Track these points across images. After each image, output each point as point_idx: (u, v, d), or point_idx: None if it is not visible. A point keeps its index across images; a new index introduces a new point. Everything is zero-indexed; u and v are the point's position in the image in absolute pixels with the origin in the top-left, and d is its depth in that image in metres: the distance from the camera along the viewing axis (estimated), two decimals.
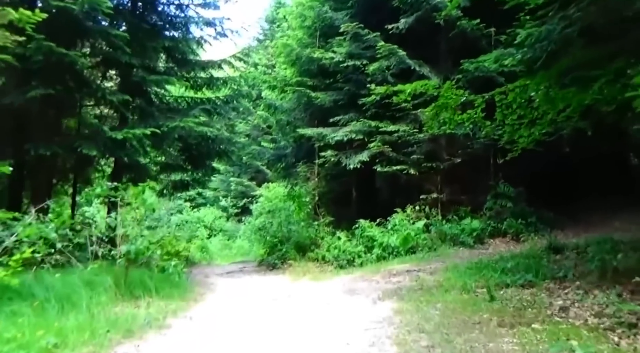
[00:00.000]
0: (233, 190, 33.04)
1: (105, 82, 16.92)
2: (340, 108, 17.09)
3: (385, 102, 15.28)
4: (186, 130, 13.32)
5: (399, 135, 15.17)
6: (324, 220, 17.40)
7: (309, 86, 18.04)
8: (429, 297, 8.23)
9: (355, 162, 15.71)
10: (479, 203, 15.05)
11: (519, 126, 10.53)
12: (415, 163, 15.28)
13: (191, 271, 15.32)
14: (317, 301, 8.81)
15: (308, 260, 15.92)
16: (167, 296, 9.11)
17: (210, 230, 31.37)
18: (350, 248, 14.69)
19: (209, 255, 25.75)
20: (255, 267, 16.84)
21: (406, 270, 10.92)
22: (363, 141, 15.89)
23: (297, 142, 19.92)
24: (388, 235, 14.34)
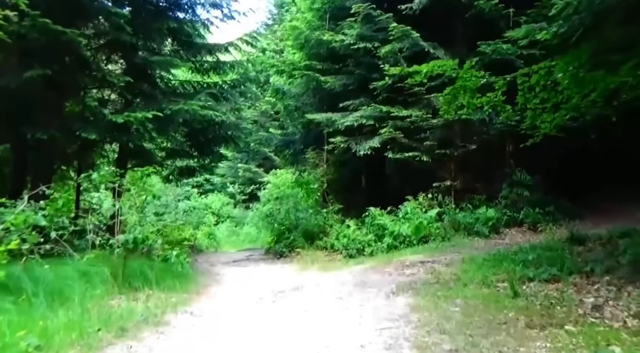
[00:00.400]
0: (241, 177, 32.45)
1: (110, 65, 16.34)
2: (350, 93, 16.39)
3: (398, 86, 14.63)
4: (191, 114, 12.66)
5: (411, 120, 14.48)
6: (332, 208, 16.77)
7: (318, 69, 17.33)
8: (447, 292, 7.60)
9: (365, 148, 15.04)
10: (494, 192, 14.37)
11: (541, 110, 9.85)
12: (428, 149, 14.59)
13: (196, 260, 14.80)
14: (326, 296, 8.20)
15: (316, 249, 15.33)
16: (168, 288, 8.53)
17: (218, 216, 30.83)
18: (360, 237, 14.07)
19: (217, 242, 25.27)
20: (263, 255, 16.28)
21: (420, 261, 10.30)
22: (374, 127, 15.21)
23: (305, 128, 19.26)
24: (399, 224, 13.71)
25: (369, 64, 15.91)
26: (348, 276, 10.04)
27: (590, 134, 12.27)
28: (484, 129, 14.21)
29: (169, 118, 12.61)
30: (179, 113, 12.49)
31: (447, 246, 11.96)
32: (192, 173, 20.11)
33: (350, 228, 14.78)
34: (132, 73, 15.21)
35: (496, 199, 14.18)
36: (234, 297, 8.56)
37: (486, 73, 9.70)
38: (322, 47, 17.45)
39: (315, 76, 16.94)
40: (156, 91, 14.14)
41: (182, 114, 12.73)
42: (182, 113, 12.56)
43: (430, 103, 14.57)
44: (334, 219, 16.34)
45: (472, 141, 14.44)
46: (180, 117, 13.15)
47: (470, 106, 10.03)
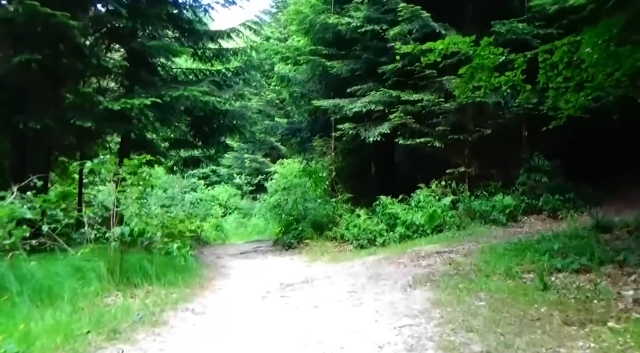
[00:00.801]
0: (247, 167, 31.86)
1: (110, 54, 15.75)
2: (357, 78, 15.72)
3: (408, 69, 13.98)
4: (192, 101, 12.03)
5: (422, 105, 13.81)
6: (341, 197, 16.16)
7: (324, 55, 16.64)
8: (469, 284, 6.98)
9: (375, 135, 14.38)
10: (510, 178, 13.69)
11: (564, 89, 9.17)
12: (440, 134, 13.92)
13: (202, 252, 14.26)
14: (338, 289, 7.59)
15: (326, 239, 14.76)
16: (169, 284, 7.95)
17: (225, 208, 30.30)
18: (371, 227, 13.46)
19: (224, 234, 24.77)
20: (271, 247, 15.70)
21: (436, 252, 9.66)
22: (383, 112, 14.55)
23: (312, 115, 18.63)
24: (412, 213, 13.08)
25: (377, 48, 15.24)
26: (360, 267, 9.43)
27: (613, 115, 11.60)
28: (499, 113, 13.51)
29: (169, 106, 12.01)
30: (179, 100, 11.86)
31: (464, 235, 11.32)
32: (197, 164, 19.53)
33: (361, 218, 14.17)
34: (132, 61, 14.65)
35: (513, 185, 13.50)
36: (240, 292, 7.98)
37: (505, 50, 9.03)
38: (327, 32, 16.77)
39: (321, 62, 16.27)
40: (155, 78, 13.49)
41: (182, 101, 12.09)
42: (182, 100, 11.92)
43: (442, 86, 13.90)
44: (344, 209, 15.74)
45: (486, 125, 13.75)
46: (181, 105, 12.54)
47: (488, 86, 9.37)
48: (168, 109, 12.54)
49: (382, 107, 14.36)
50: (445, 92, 13.79)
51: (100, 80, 14.86)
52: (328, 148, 17.30)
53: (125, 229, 7.44)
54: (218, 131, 18.00)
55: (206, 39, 16.81)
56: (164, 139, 18.69)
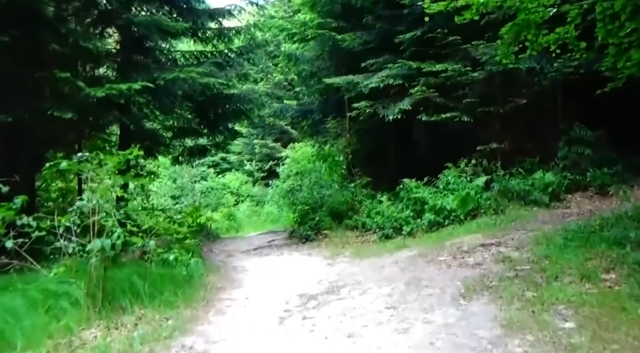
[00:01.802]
0: (258, 153, 30.19)
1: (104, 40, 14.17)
2: (371, 51, 13.95)
3: (429, 36, 12.26)
4: (189, 83, 10.41)
5: (446, 76, 12.05)
6: (360, 181, 14.52)
7: (333, 28, 14.87)
8: (539, 292, 5.37)
9: (394, 112, 12.67)
10: (548, 152, 11.93)
11: (627, 45, 7.43)
12: (468, 107, 12.19)
13: (212, 250, 12.73)
14: (372, 303, 5.98)
15: (345, 229, 13.23)
16: (166, 304, 6.39)
17: (237, 196, 28.78)
18: (395, 214, 11.84)
19: (237, 224, 23.30)
20: (286, 240, 14.09)
21: (480, 244, 8.02)
22: (402, 87, 12.83)
23: (323, 95, 16.92)
24: (441, 196, 11.43)
25: (392, 16, 13.47)
26: (393, 268, 7.80)
27: None
28: (535, 80, 11.70)
29: (164, 90, 10.44)
30: (175, 83, 10.25)
31: (505, 222, 9.64)
32: (204, 153, 17.95)
33: (383, 204, 12.56)
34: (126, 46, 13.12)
35: (552, 160, 11.76)
36: (252, 310, 6.38)
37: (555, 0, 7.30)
38: (335, 3, 15.05)
39: (330, 35, 14.51)
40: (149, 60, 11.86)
41: (179, 84, 10.48)
42: (179, 83, 10.31)
43: (468, 54, 12.13)
44: (363, 194, 14.13)
45: (519, 94, 11.96)
46: (179, 89, 10.93)
47: (535, 47, 7.64)
48: (164, 94, 10.98)
49: (402, 81, 12.64)
50: (471, 60, 12.04)
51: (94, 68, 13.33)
52: (342, 129, 15.61)
53: (106, 242, 5.85)
54: (224, 117, 16.49)
55: (205, 17, 15.16)
56: (167, 129, 17.15)
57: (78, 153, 14.71)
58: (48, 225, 6.24)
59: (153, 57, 13.30)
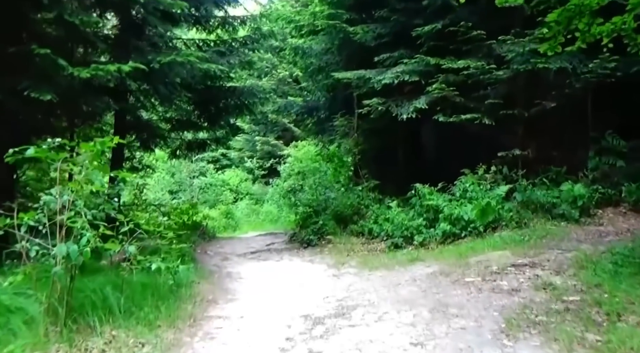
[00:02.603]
0: (259, 150, 28.97)
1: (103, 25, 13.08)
2: (384, 46, 12.82)
3: (450, 30, 11.13)
4: (187, 69, 9.29)
5: (468, 73, 10.93)
6: (368, 184, 13.40)
7: (345, 20, 13.76)
8: (603, 337, 4.25)
9: (409, 111, 11.58)
10: (576, 162, 10.78)
11: None
12: (490, 109, 11.07)
13: (206, 252, 11.63)
14: (393, 336, 4.84)
15: (350, 234, 12.18)
16: (144, 321, 5.26)
17: (236, 193, 27.63)
18: (406, 222, 10.75)
19: (235, 222, 22.17)
20: (286, 244, 12.96)
21: (511, 264, 6.90)
22: (418, 84, 11.73)
23: (331, 91, 15.82)
24: (458, 205, 10.32)
25: (408, 9, 12.37)
26: (411, 286, 6.68)
27: None
28: (566, 82, 10.55)
29: (160, 75, 9.30)
30: (172, 68, 9.13)
31: (533, 237, 8.49)
32: (203, 147, 16.83)
33: (393, 210, 11.49)
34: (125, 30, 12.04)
35: (580, 171, 10.63)
36: (247, 335, 5.25)
37: None
38: None
39: (341, 27, 13.39)
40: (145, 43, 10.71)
41: (176, 70, 9.36)
42: (176, 68, 9.18)
43: (492, 51, 11.02)
44: (370, 198, 13.02)
45: (547, 97, 10.81)
46: (176, 75, 9.80)
47: (586, 38, 6.52)
48: (160, 80, 9.87)
49: (418, 78, 11.55)
50: (495, 58, 10.92)
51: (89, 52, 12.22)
52: (350, 128, 14.47)
53: (72, 248, 4.72)
54: (226, 110, 15.45)
55: (210, 4, 14.08)
56: (166, 120, 16.06)
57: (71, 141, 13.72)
58: (7, 223, 5.13)
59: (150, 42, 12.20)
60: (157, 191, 26.63)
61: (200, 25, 14.43)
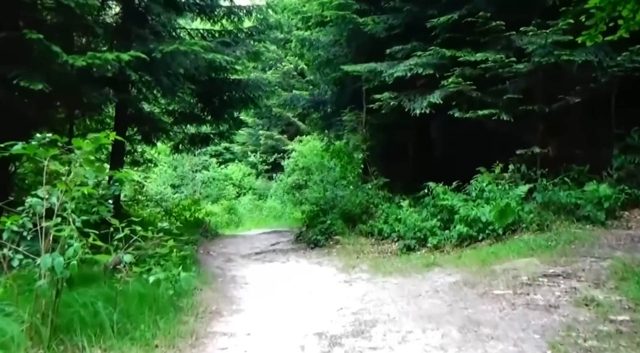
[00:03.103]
0: (263, 145, 28.26)
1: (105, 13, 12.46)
2: (395, 38, 12.12)
3: (467, 21, 10.46)
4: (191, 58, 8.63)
5: (486, 67, 10.24)
6: (377, 182, 12.75)
7: (354, 10, 13.06)
8: None
9: (423, 105, 10.91)
10: (600, 161, 10.10)
11: None
12: (508, 104, 10.40)
13: (209, 253, 11.04)
14: None
15: (359, 235, 11.58)
16: (140, 341, 4.64)
17: (239, 188, 26.97)
18: (419, 222, 10.11)
19: (238, 218, 21.55)
20: (292, 244, 12.34)
21: (542, 274, 6.26)
22: (432, 78, 11.06)
23: (338, 85, 15.14)
24: (474, 206, 9.68)
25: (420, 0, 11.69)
26: (433, 298, 6.04)
27: None
28: (590, 76, 9.86)
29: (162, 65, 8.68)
30: (174, 57, 8.48)
31: (561, 243, 7.80)
32: (207, 141, 16.22)
33: (404, 209, 10.83)
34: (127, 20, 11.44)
35: (604, 170, 9.96)
36: None
37: None
38: None
39: (351, 17, 12.70)
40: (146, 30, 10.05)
41: (179, 60, 8.72)
42: (179, 58, 8.54)
43: (511, 43, 10.33)
44: (379, 197, 12.38)
45: (571, 92, 10.11)
46: (179, 65, 9.14)
47: (630, 25, 5.86)
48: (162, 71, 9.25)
49: (432, 71, 10.87)
50: (515, 50, 10.23)
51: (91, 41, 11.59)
52: (359, 123, 13.80)
53: (57, 261, 4.09)
54: (230, 104, 14.89)
55: None
56: (169, 113, 15.45)
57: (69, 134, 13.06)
58: None
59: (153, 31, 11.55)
60: (159, 184, 26.00)
61: (204, 14, 13.79)
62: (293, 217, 18.45)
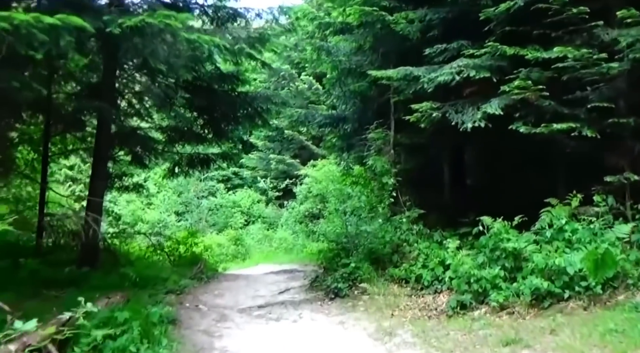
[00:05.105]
0: (273, 169, 25.44)
1: None
2: (433, 40, 9.54)
3: (534, 10, 7.81)
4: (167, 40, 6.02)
5: (564, 66, 7.52)
6: (410, 214, 10.00)
7: (384, 7, 10.48)
8: None
9: (476, 117, 8.19)
10: None
11: None
12: (590, 116, 7.66)
13: (197, 305, 8.27)
14: None
15: (390, 281, 8.84)
16: None
17: (248, 216, 24.26)
18: (474, 270, 7.32)
19: (245, 249, 18.85)
20: (307, 291, 9.49)
21: None
22: (485, 84, 8.40)
23: (361, 98, 12.52)
24: (554, 251, 6.92)
25: None
26: None
27: None
28: None
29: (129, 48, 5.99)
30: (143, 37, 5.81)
31: None
32: (207, 164, 13.47)
33: (450, 251, 8.06)
34: None
35: None
36: None
37: None
38: None
39: (379, 16, 10.12)
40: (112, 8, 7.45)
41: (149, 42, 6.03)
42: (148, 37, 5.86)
43: (594, 36, 7.66)
44: (414, 232, 9.66)
45: None
46: (152, 52, 6.45)
47: None
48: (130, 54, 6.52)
49: (489, 74, 8.20)
50: (599, 46, 7.53)
51: None
52: (386, 143, 11.08)
53: None
54: (235, 120, 12.32)
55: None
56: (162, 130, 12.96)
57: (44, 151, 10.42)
58: None
59: None
60: (162, 211, 23.43)
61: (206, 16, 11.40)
62: (306, 251, 15.72)
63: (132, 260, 11.18)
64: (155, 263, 11.45)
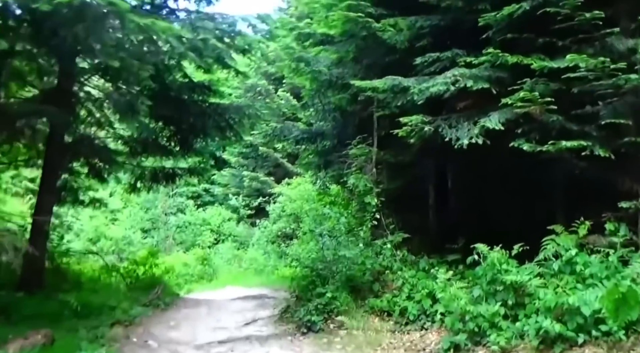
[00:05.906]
0: (246, 187, 24.00)
1: None
2: (422, 50, 8.56)
3: (540, 15, 6.89)
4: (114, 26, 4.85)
5: (575, 77, 6.56)
6: (394, 238, 8.89)
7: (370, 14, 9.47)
8: None
9: (473, 133, 7.17)
10: None
11: None
12: (600, 134, 6.71)
13: (147, 341, 6.95)
14: None
15: (371, 313, 7.71)
16: None
17: (217, 234, 22.86)
18: (469, 306, 6.24)
19: (212, 270, 17.48)
20: (276, 323, 8.22)
21: None
22: (483, 96, 7.41)
23: (343, 111, 11.47)
24: (564, 287, 5.88)
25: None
26: None
27: None
28: None
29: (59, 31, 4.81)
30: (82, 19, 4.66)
31: None
32: (172, 179, 12.18)
33: (440, 282, 6.98)
34: None
35: None
36: None
37: None
38: None
39: (364, 23, 9.11)
40: None
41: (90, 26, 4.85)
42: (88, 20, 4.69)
43: (607, 46, 6.74)
44: (397, 259, 8.57)
45: None
46: (91, 32, 5.23)
47: None
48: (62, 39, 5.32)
49: (487, 85, 7.22)
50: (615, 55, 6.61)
51: None
52: (368, 161, 10.00)
53: None
54: (203, 131, 11.15)
55: None
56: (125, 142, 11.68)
57: None
58: None
59: None
60: (127, 228, 21.90)
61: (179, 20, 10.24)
62: (277, 274, 14.48)
63: (83, 282, 9.82)
64: (108, 286, 10.09)
